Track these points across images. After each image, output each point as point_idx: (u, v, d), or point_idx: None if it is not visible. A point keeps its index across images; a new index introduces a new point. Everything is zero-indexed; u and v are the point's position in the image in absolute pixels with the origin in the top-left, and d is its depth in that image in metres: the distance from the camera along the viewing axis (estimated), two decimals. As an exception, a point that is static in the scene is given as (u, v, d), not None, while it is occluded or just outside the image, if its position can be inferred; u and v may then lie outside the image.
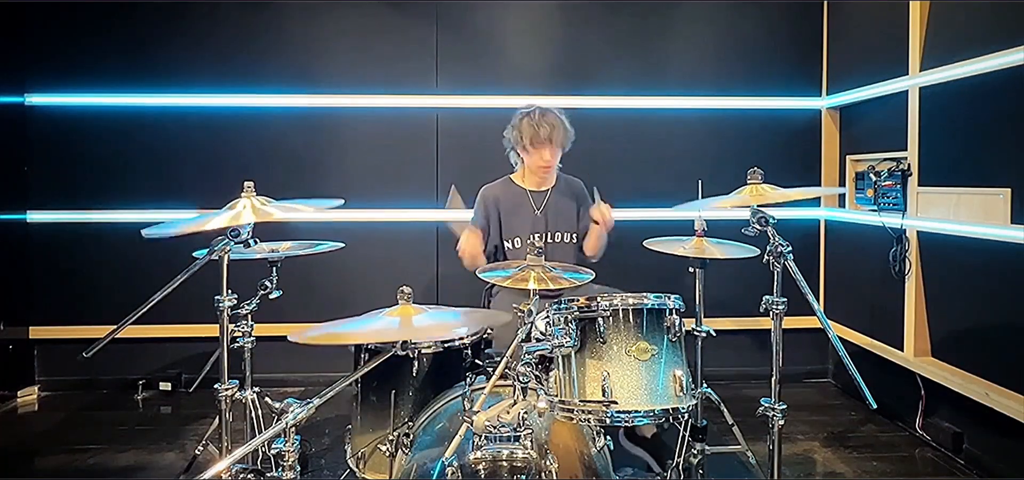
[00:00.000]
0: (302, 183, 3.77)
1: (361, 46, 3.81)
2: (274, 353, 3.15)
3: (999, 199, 2.54)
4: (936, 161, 2.94)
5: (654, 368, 1.73)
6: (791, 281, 1.86)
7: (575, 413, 1.73)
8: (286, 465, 1.49)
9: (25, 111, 3.69)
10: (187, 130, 3.74)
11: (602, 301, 1.76)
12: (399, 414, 2.02)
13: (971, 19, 2.76)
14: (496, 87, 3.80)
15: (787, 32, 3.90)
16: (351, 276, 3.77)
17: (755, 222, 1.92)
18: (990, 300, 2.68)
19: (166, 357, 3.79)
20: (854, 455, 2.94)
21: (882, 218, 3.22)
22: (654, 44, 3.89)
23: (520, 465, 1.49)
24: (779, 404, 1.91)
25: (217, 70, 3.75)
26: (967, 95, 2.74)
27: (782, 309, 1.92)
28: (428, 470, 1.65)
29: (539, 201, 2.88)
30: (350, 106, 3.79)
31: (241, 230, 1.96)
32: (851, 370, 1.78)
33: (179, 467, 2.78)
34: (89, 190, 3.73)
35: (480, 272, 2.23)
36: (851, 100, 3.60)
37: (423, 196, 3.83)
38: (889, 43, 3.20)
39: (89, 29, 3.70)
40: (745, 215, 1.96)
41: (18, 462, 2.94)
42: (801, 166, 3.88)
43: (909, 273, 3.06)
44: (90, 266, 3.75)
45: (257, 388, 2.35)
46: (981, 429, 2.75)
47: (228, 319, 2.05)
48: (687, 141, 3.87)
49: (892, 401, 3.21)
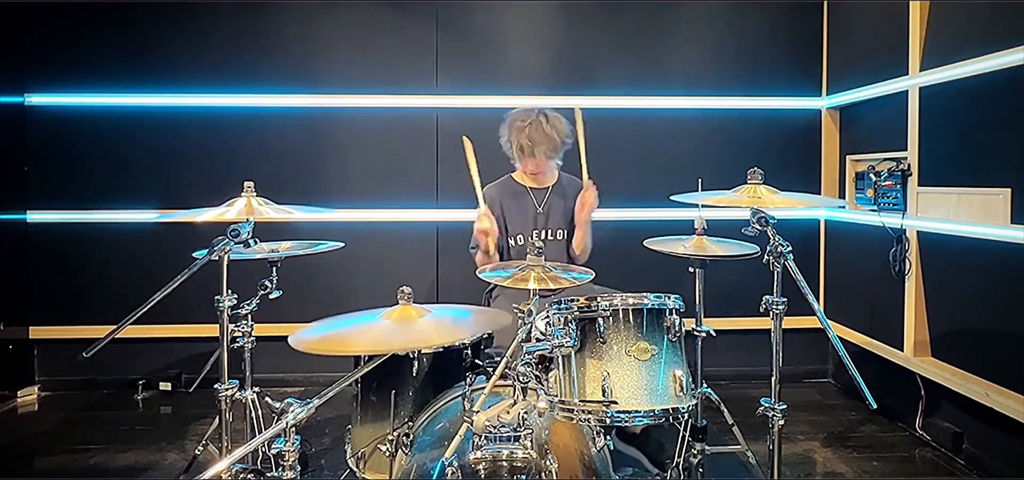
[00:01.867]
0: (302, 183, 3.77)
1: (361, 46, 3.80)
2: (274, 353, 3.16)
3: (999, 199, 2.54)
4: (936, 161, 2.94)
5: (654, 368, 1.73)
6: (791, 281, 1.86)
7: (575, 413, 1.73)
8: (286, 465, 1.48)
9: (25, 111, 3.69)
10: (187, 130, 3.74)
11: (602, 301, 1.76)
12: (399, 414, 2.02)
13: (971, 19, 2.76)
14: (496, 87, 3.80)
15: (787, 32, 3.90)
16: (351, 276, 3.77)
17: (755, 222, 1.92)
18: (990, 300, 2.68)
19: (166, 357, 3.79)
20: (854, 455, 2.94)
21: (882, 218, 3.22)
22: (654, 44, 3.89)
23: (520, 465, 1.49)
24: (779, 404, 1.91)
25: (217, 70, 3.75)
26: (967, 95, 2.74)
27: (782, 309, 1.92)
28: (428, 470, 1.65)
29: (540, 198, 2.92)
30: (350, 106, 3.79)
31: (241, 230, 1.96)
32: (851, 370, 1.78)
33: (179, 467, 2.78)
34: (89, 190, 3.73)
35: (480, 272, 2.23)
36: (851, 100, 3.60)
37: (423, 196, 3.83)
38: (889, 43, 3.20)
39: (89, 29, 3.70)
40: (745, 215, 1.97)
41: (18, 462, 2.93)
42: (801, 166, 3.89)
43: (909, 273, 3.06)
44: (90, 266, 3.75)
45: (257, 388, 2.36)
46: (981, 429, 2.75)
47: (228, 319, 2.06)
48: (687, 141, 3.87)
49: (892, 401, 3.21)
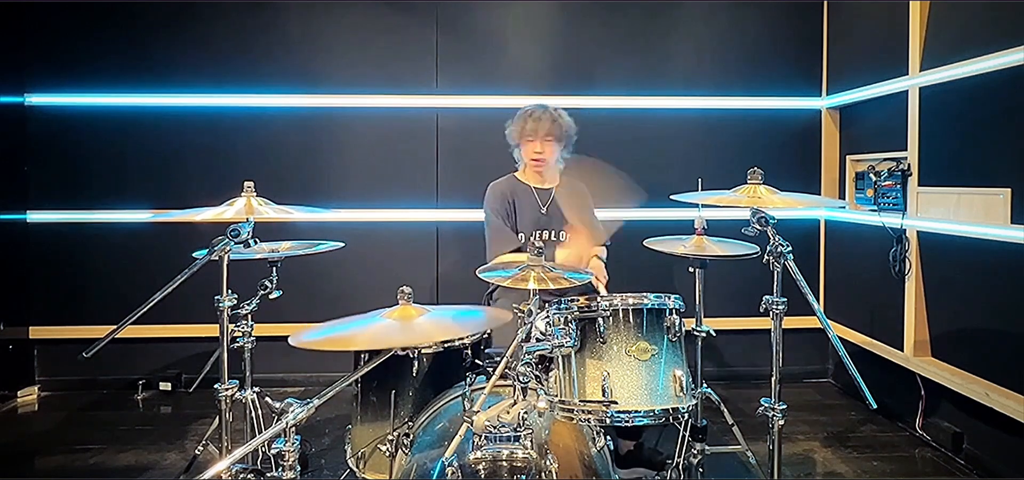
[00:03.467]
0: (302, 183, 3.77)
1: (361, 46, 3.81)
2: (274, 353, 3.15)
3: (999, 199, 2.54)
4: (936, 161, 2.94)
5: (654, 368, 1.73)
6: (791, 281, 1.86)
7: (575, 413, 1.73)
8: (286, 465, 1.48)
9: (25, 111, 3.69)
10: (187, 130, 3.74)
11: (602, 301, 1.76)
12: (399, 414, 2.02)
13: (971, 19, 2.76)
14: (496, 87, 3.80)
15: (787, 32, 3.90)
16: (351, 276, 3.77)
17: (755, 222, 1.92)
18: (990, 300, 2.68)
19: (166, 357, 3.79)
20: (854, 455, 2.94)
21: (882, 218, 3.22)
22: (654, 44, 3.89)
23: (520, 465, 1.49)
24: (779, 404, 1.91)
25: (217, 70, 3.75)
26: (967, 95, 2.74)
27: (782, 309, 1.92)
28: (428, 470, 1.65)
29: (544, 198, 2.90)
30: (350, 106, 3.79)
31: (241, 230, 1.96)
32: (851, 370, 1.78)
33: (179, 467, 2.78)
34: (89, 190, 3.73)
35: (480, 272, 2.22)
36: (851, 100, 3.60)
37: (423, 196, 3.83)
38: (889, 43, 3.20)
39: (89, 29, 3.70)
40: (745, 215, 1.97)
41: (18, 462, 2.93)
42: (801, 166, 3.89)
43: (909, 273, 3.06)
44: (90, 266, 3.75)
45: (257, 388, 2.36)
46: (981, 429, 2.75)
47: (228, 319, 2.06)
48: (687, 141, 3.87)
49: (892, 401, 3.21)
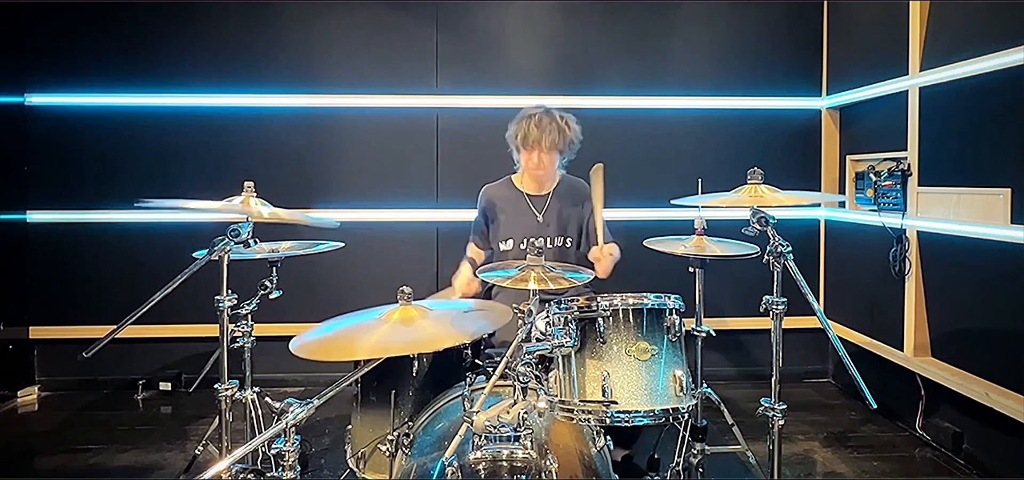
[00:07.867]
0: (302, 183, 3.77)
1: (361, 46, 3.80)
2: (274, 353, 3.16)
3: (999, 199, 2.54)
4: (936, 161, 2.93)
5: (654, 368, 1.73)
6: (791, 281, 1.86)
7: (575, 413, 1.73)
8: (286, 465, 1.49)
9: (25, 111, 3.68)
10: (187, 130, 3.74)
11: (602, 301, 1.76)
12: (399, 414, 2.02)
13: (971, 19, 2.76)
14: (496, 87, 3.80)
15: (787, 32, 3.90)
16: (351, 276, 3.76)
17: (755, 222, 1.92)
18: (990, 300, 2.68)
19: (166, 357, 3.79)
20: (854, 455, 2.94)
21: (882, 218, 3.22)
22: (654, 44, 3.88)
23: (520, 465, 1.49)
24: (779, 404, 1.91)
25: (217, 70, 3.75)
26: (967, 95, 2.74)
27: (782, 309, 1.92)
28: (428, 470, 1.65)
29: (539, 205, 2.86)
30: (350, 106, 3.79)
31: (241, 230, 1.96)
32: (851, 370, 1.78)
33: (179, 467, 2.78)
34: (89, 190, 3.73)
35: (480, 272, 2.23)
36: (851, 100, 3.60)
37: (423, 196, 3.83)
38: (889, 43, 3.20)
39: (89, 29, 3.69)
40: (745, 214, 1.97)
41: (18, 462, 2.93)
42: (801, 166, 3.88)
43: (909, 273, 3.06)
44: (90, 266, 3.75)
45: (257, 388, 2.36)
46: (981, 429, 2.75)
47: (228, 319, 2.06)
48: (687, 141, 3.87)
49: (892, 401, 3.21)
